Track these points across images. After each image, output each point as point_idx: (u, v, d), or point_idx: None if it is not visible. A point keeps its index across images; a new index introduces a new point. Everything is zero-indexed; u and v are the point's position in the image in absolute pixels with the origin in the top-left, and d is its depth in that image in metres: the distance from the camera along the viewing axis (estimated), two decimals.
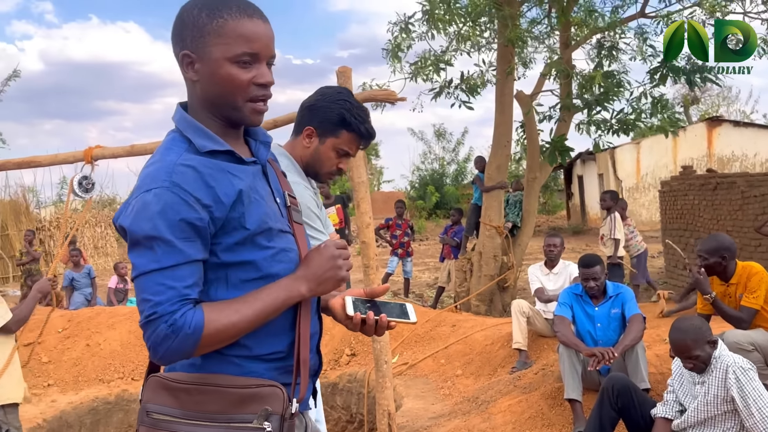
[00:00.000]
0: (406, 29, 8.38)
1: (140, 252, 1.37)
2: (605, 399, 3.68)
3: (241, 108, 1.47)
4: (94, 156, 4.73)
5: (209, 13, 1.42)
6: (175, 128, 1.52)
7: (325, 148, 2.20)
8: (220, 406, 1.42)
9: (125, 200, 1.47)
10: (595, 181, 21.74)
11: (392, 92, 4.54)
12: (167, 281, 1.35)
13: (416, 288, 12.29)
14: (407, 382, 6.34)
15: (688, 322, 3.42)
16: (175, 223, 1.35)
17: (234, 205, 1.42)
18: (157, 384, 1.48)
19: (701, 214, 10.08)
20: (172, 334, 1.33)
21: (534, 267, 6.31)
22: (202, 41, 1.43)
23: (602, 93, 8.23)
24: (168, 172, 1.38)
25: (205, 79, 1.45)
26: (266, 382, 1.44)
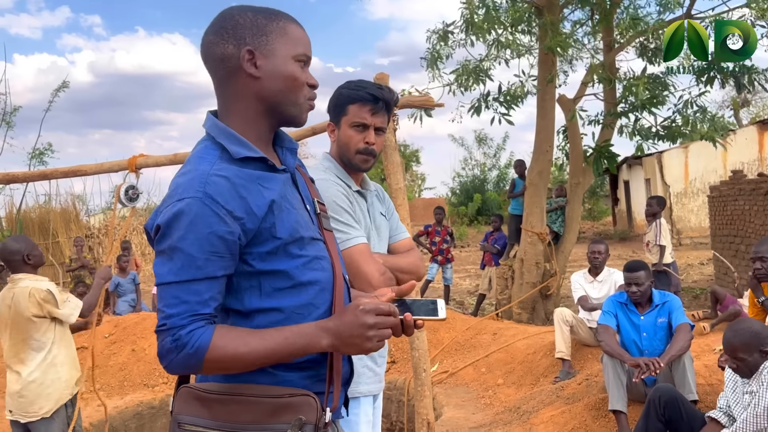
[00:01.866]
0: (445, 37, 8.34)
1: (162, 261, 1.38)
2: (651, 411, 3.56)
3: (301, 105, 1.51)
4: (138, 165, 4.82)
5: (266, 17, 1.48)
6: (206, 136, 1.51)
7: (343, 130, 2.21)
8: (254, 416, 1.41)
9: (156, 207, 1.47)
10: (641, 187, 21.24)
11: (430, 98, 4.51)
12: (182, 295, 1.36)
13: (457, 295, 12.19)
14: (447, 391, 6.28)
15: (746, 324, 3.35)
16: (204, 237, 1.35)
17: (266, 215, 1.42)
18: (188, 395, 1.46)
19: (752, 219, 9.74)
20: (175, 349, 1.34)
21: (577, 274, 6.18)
22: (266, 39, 1.46)
23: (648, 98, 8.04)
24: (201, 182, 1.37)
25: (269, 74, 1.47)
26: (299, 391, 1.43)
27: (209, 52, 1.50)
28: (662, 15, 8.71)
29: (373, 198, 2.34)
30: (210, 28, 1.51)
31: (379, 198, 2.40)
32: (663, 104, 8.15)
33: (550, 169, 9.23)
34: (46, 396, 3.89)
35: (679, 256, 16.32)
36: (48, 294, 3.93)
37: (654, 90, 8.11)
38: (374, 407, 2.30)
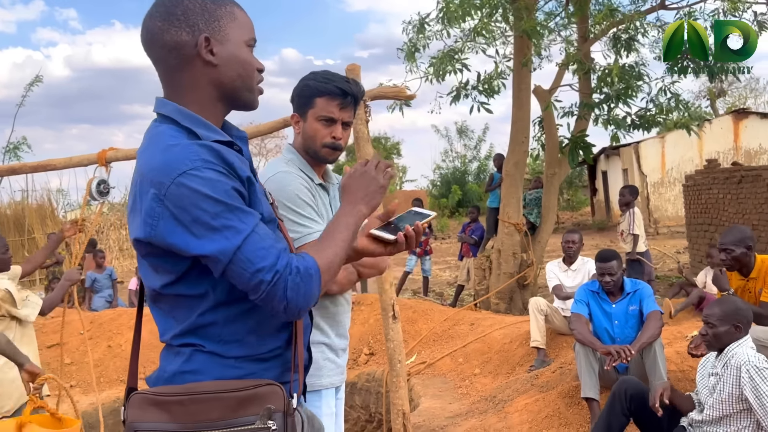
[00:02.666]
0: (422, 28, 8.33)
1: (217, 234, 1.32)
2: (616, 404, 3.58)
3: (254, 89, 1.51)
4: (108, 158, 4.76)
5: (213, 1, 1.45)
6: (161, 119, 1.46)
7: (309, 123, 2.19)
8: (219, 413, 1.37)
9: (137, 203, 1.38)
10: (619, 177, 21.44)
11: (402, 89, 4.49)
12: (262, 243, 1.35)
13: (437, 286, 12.23)
14: (425, 381, 6.30)
15: (733, 299, 3.45)
16: (230, 192, 1.34)
17: (248, 188, 1.41)
18: (142, 401, 1.41)
19: (726, 208, 9.88)
20: (301, 281, 1.35)
21: (552, 264, 6.23)
22: (218, 24, 1.43)
23: (623, 87, 8.10)
24: (193, 153, 1.34)
25: (226, 61, 1.45)
26: (262, 381, 1.42)
27: (158, 40, 1.44)
28: (636, 5, 8.79)
29: (336, 191, 2.32)
30: (156, 13, 1.44)
31: None
32: (637, 94, 8.22)
33: (526, 160, 9.28)
34: (7, 394, 3.83)
35: (655, 245, 16.50)
36: (6, 294, 3.87)
37: (628, 80, 8.17)
38: (337, 399, 2.30)
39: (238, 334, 1.44)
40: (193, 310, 1.43)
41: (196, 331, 1.44)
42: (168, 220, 1.33)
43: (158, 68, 1.49)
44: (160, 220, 1.33)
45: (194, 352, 1.44)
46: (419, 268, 10.35)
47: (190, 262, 1.39)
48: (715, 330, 3.20)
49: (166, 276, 1.42)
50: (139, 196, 1.37)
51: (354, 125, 4.27)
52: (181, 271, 1.40)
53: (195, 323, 1.43)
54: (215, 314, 1.43)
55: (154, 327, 5.43)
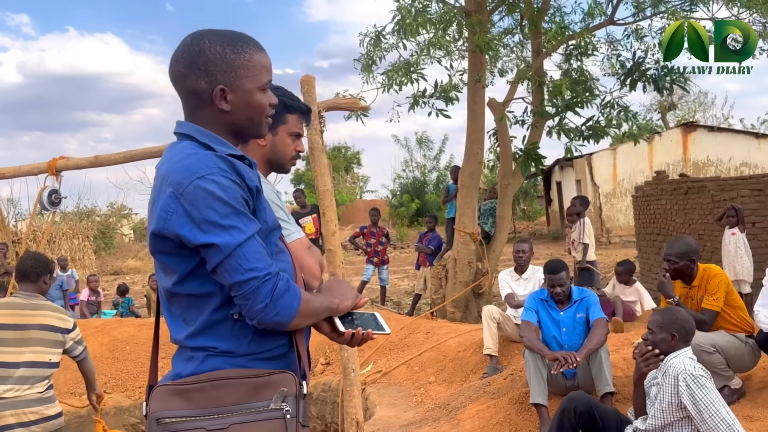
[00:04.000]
0: (378, 41, 8.43)
1: (223, 231, 1.46)
2: (566, 420, 3.65)
3: (262, 124, 1.69)
4: (58, 167, 4.70)
5: (233, 49, 1.59)
6: (182, 137, 1.62)
7: (281, 137, 2.28)
8: (237, 397, 1.50)
9: (155, 204, 1.52)
10: (573, 187, 21.91)
11: (356, 100, 4.58)
12: (259, 248, 1.50)
13: (395, 295, 12.30)
14: (380, 390, 6.35)
15: (677, 309, 3.55)
16: (240, 200, 1.49)
17: (257, 197, 1.57)
18: (165, 392, 1.52)
19: (673, 218, 10.20)
20: (288, 290, 1.49)
21: (504, 273, 6.36)
22: (235, 75, 1.59)
23: (572, 99, 8.34)
24: (212, 161, 1.49)
25: (239, 107, 1.61)
26: (277, 370, 1.56)
27: (181, 83, 1.61)
28: (586, 22, 9.05)
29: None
30: (181, 59, 1.60)
31: None
32: (587, 104, 8.46)
33: (480, 171, 9.44)
34: None
35: (608, 254, 16.92)
36: None
37: (578, 92, 8.41)
38: None
39: (247, 330, 1.55)
40: (204, 309, 1.55)
41: (208, 330, 1.55)
42: (181, 215, 1.46)
43: (182, 101, 1.66)
44: (174, 215, 1.47)
45: (207, 357, 1.55)
46: (377, 277, 10.40)
47: (197, 262, 1.51)
48: (654, 336, 3.32)
49: (174, 275, 1.55)
50: (158, 196, 1.52)
51: (309, 135, 4.33)
52: (186, 270, 1.53)
53: (207, 321, 1.54)
54: (226, 310, 1.54)
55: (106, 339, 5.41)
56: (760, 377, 4.43)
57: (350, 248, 15.09)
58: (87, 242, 19.43)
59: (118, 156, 4.65)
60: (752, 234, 8.23)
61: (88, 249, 19.46)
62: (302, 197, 10.35)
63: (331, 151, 38.67)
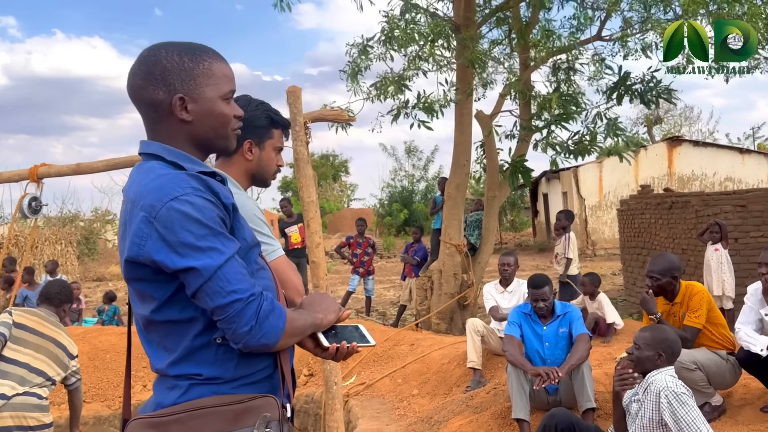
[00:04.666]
0: (365, 51, 8.45)
1: (201, 254, 1.40)
2: None
3: (229, 136, 1.61)
4: (40, 174, 4.66)
5: (192, 58, 1.53)
6: (149, 157, 1.55)
7: (267, 152, 2.28)
8: (218, 427, 1.43)
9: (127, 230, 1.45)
10: (559, 199, 22.03)
11: (341, 112, 4.56)
12: (240, 268, 1.44)
13: (380, 306, 12.27)
14: (363, 403, 6.31)
15: (666, 329, 3.52)
16: (216, 219, 1.43)
17: (233, 214, 1.51)
18: (141, 426, 1.45)
19: (657, 232, 10.27)
20: (273, 311, 1.44)
21: (489, 285, 6.35)
22: (194, 83, 1.53)
23: (560, 114, 8.39)
24: (184, 180, 1.43)
25: (201, 117, 1.54)
26: (258, 394, 1.50)
27: (138, 96, 1.54)
28: (573, 36, 9.11)
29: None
30: (137, 71, 1.54)
31: None
32: (574, 119, 8.51)
33: (467, 183, 9.46)
34: None
35: (592, 267, 16.97)
36: None
37: (566, 107, 8.46)
38: None
39: (232, 353, 1.49)
40: (185, 335, 1.48)
41: (192, 356, 1.48)
42: (155, 240, 1.39)
43: (142, 117, 1.59)
44: (148, 240, 1.40)
45: (191, 386, 1.48)
46: (362, 288, 10.38)
47: (175, 287, 1.45)
48: (640, 353, 3.32)
49: (152, 302, 1.47)
50: (129, 222, 1.44)
51: (294, 146, 4.32)
52: (165, 296, 1.46)
53: (189, 348, 1.48)
54: (209, 335, 1.48)
55: (86, 348, 5.33)
56: (741, 394, 4.44)
57: (336, 257, 15.05)
58: (70, 248, 19.23)
59: (101, 164, 4.61)
60: (735, 250, 8.30)
61: (71, 255, 19.25)
62: (289, 206, 10.32)
63: (319, 159, 38.66)
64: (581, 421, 3.76)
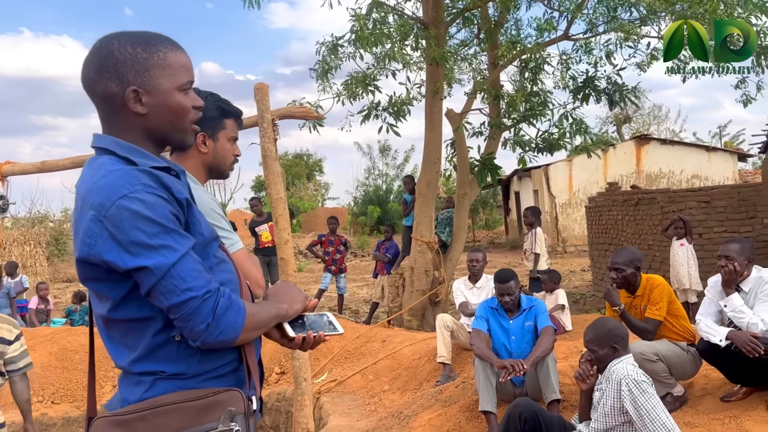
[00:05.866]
0: (334, 50, 8.47)
1: (154, 252, 1.36)
2: (510, 426, 3.72)
3: (187, 129, 1.57)
4: (4, 172, 4.62)
5: (146, 48, 1.48)
6: (101, 152, 1.51)
7: (221, 143, 2.28)
8: (182, 423, 1.42)
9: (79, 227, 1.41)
10: (530, 197, 22.27)
11: (310, 109, 4.59)
12: (195, 265, 1.41)
13: (353, 304, 12.31)
14: (335, 399, 6.34)
15: (604, 321, 3.60)
16: (169, 216, 1.39)
17: (187, 209, 1.48)
18: (105, 424, 1.44)
19: (624, 228, 10.47)
20: (230, 306, 1.42)
21: (458, 282, 6.43)
22: (148, 75, 1.48)
23: (528, 111, 8.50)
24: (134, 177, 1.39)
25: (156, 109, 1.50)
26: (222, 388, 1.49)
27: (92, 89, 1.51)
28: (541, 37, 9.24)
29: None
30: (90, 63, 1.50)
31: None
32: (541, 117, 8.63)
33: (438, 180, 9.53)
34: None
35: (563, 263, 17.22)
36: None
37: (533, 104, 8.58)
38: None
39: (193, 349, 1.47)
40: (145, 333, 1.45)
41: (153, 353, 1.46)
42: (106, 239, 1.36)
43: (97, 110, 1.55)
44: (99, 239, 1.37)
45: (156, 381, 1.47)
46: (335, 286, 10.40)
47: (130, 286, 1.42)
48: (596, 354, 3.42)
49: (108, 301, 1.45)
50: (80, 220, 1.41)
51: (262, 143, 4.33)
52: (120, 295, 1.43)
53: (150, 345, 1.46)
54: (168, 332, 1.46)
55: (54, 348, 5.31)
56: (702, 384, 4.56)
57: (310, 256, 15.04)
58: (39, 248, 18.93)
59: (66, 161, 4.58)
60: (699, 245, 8.51)
61: (40, 255, 18.96)
62: (259, 205, 10.30)
63: (293, 159, 38.53)
64: (545, 411, 3.83)
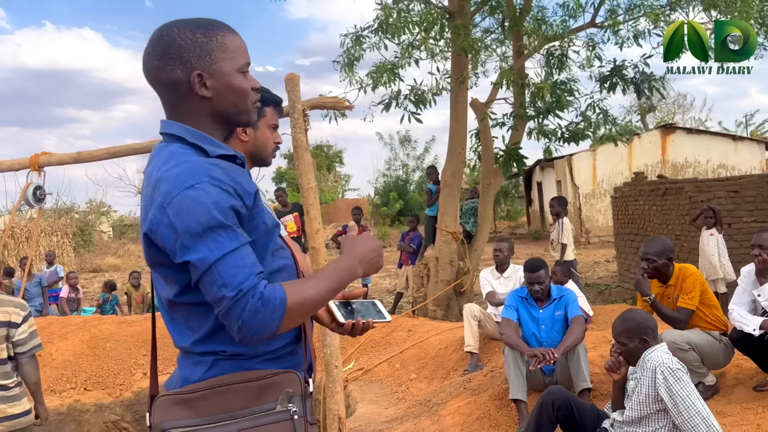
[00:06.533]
0: (358, 40, 8.47)
1: (201, 245, 1.39)
2: (544, 413, 3.71)
3: (249, 110, 1.61)
4: (41, 163, 4.69)
5: (204, 33, 1.53)
6: (170, 139, 1.55)
7: (261, 131, 2.32)
8: (242, 402, 1.47)
9: (148, 206, 1.46)
10: (553, 188, 22.11)
11: (340, 100, 4.61)
12: (238, 262, 1.40)
13: (376, 294, 12.36)
14: (362, 387, 6.39)
15: (633, 313, 3.57)
16: (227, 210, 1.42)
17: (254, 201, 1.50)
18: (168, 402, 1.49)
19: (651, 219, 10.37)
20: (262, 306, 1.38)
21: (485, 271, 6.43)
22: (210, 58, 1.52)
23: (553, 102, 8.43)
24: (203, 169, 1.43)
25: (220, 92, 1.54)
26: (280, 370, 1.53)
27: (156, 77, 1.54)
28: (567, 23, 9.14)
29: None
30: (152, 52, 1.54)
31: None
32: (567, 108, 8.56)
33: (462, 170, 9.52)
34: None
35: (587, 254, 17.11)
36: None
37: (560, 95, 8.50)
38: None
39: None
40: (208, 316, 1.48)
41: (215, 334, 1.50)
42: (166, 226, 1.41)
43: (161, 99, 1.59)
44: (161, 226, 1.42)
45: (216, 361, 1.51)
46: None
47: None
48: (626, 347, 3.41)
49: (175, 286, 1.50)
50: (149, 206, 1.46)
51: (293, 134, 4.36)
52: (185, 282, 1.47)
53: (212, 327, 1.49)
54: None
55: (86, 336, 5.39)
56: (733, 374, 4.53)
57: (332, 246, 15.12)
58: (66, 239, 19.24)
59: (101, 152, 4.64)
60: (728, 235, 8.40)
61: (67, 246, 19.27)
62: (284, 196, 10.36)
63: (314, 150, 38.57)
64: (578, 399, 3.84)
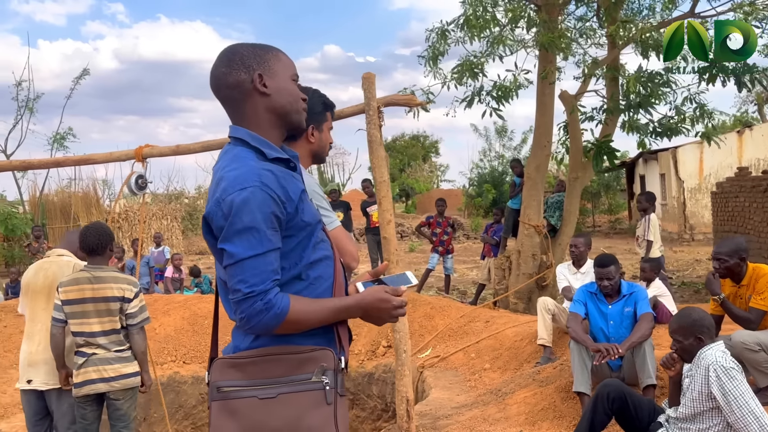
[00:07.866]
0: (443, 35, 8.57)
1: (238, 241, 1.68)
2: (599, 405, 3.77)
3: (301, 111, 1.92)
4: (144, 155, 5.19)
5: (262, 48, 1.88)
6: (235, 142, 1.85)
7: (325, 133, 2.61)
8: (283, 370, 1.75)
9: (210, 197, 1.76)
10: (657, 181, 21.26)
11: (413, 97, 4.80)
12: (260, 265, 1.68)
13: (461, 285, 12.48)
14: (437, 374, 6.59)
15: (689, 311, 3.59)
16: (268, 216, 1.69)
17: (299, 202, 1.77)
18: (223, 364, 1.80)
19: (752, 216, 9.88)
20: (265, 310, 1.67)
21: (562, 266, 6.44)
22: (268, 64, 1.86)
23: (646, 95, 8.20)
24: (257, 175, 1.71)
25: (277, 91, 1.86)
26: (318, 347, 1.80)
27: (223, 82, 1.85)
28: (664, 12, 8.85)
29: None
30: (219, 63, 1.86)
31: None
32: (660, 101, 8.30)
33: (547, 164, 9.42)
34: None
35: (690, 251, 16.41)
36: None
37: (653, 88, 8.25)
38: None
39: None
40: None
41: None
42: (219, 218, 1.70)
43: (226, 105, 1.90)
44: (215, 216, 1.71)
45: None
46: (442, 266, 10.61)
47: None
48: (681, 345, 3.43)
49: (222, 267, 1.76)
50: (211, 198, 1.76)
51: (368, 129, 4.61)
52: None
53: None
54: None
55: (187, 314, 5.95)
56: None
57: (421, 237, 15.38)
58: (175, 223, 20.57)
59: (197, 146, 5.08)
60: None
61: (176, 229, 20.61)
62: (370, 187, 10.68)
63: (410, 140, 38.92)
64: (634, 393, 3.87)
